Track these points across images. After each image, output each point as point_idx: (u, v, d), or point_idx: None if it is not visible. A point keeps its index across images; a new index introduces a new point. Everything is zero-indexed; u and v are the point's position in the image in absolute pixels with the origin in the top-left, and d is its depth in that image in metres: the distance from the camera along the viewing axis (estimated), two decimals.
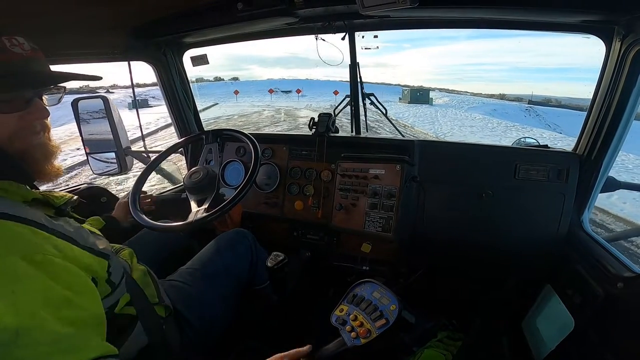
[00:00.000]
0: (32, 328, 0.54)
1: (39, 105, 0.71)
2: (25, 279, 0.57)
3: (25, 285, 0.56)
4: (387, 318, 1.12)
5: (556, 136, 16.60)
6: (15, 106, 0.67)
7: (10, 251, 0.57)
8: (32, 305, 0.55)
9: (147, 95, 31.45)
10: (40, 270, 0.59)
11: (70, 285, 0.62)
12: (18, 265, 0.57)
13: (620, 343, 0.94)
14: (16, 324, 0.52)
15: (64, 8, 1.08)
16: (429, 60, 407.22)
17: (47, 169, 0.75)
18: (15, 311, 0.53)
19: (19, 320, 0.53)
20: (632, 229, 1.81)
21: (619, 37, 1.08)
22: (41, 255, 0.60)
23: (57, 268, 0.62)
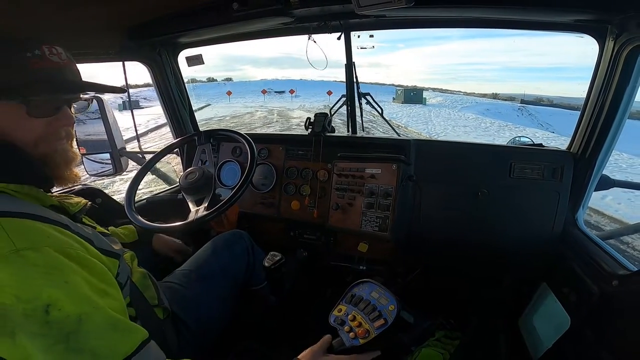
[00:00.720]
0: (91, 313, 0.58)
1: (67, 112, 0.74)
2: (68, 269, 0.59)
3: (71, 275, 0.59)
4: (385, 318, 1.13)
5: (549, 135, 16.77)
6: (45, 112, 0.69)
7: (44, 244, 0.59)
8: (85, 293, 0.59)
9: (138, 97, 31.19)
10: (76, 263, 0.61)
11: (103, 278, 0.66)
12: (56, 257, 0.59)
13: (616, 341, 0.95)
14: (78, 311, 0.56)
15: (58, 8, 1.06)
16: (423, 60, 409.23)
17: (66, 175, 0.77)
18: (72, 299, 0.56)
19: (79, 308, 0.56)
20: (626, 227, 1.83)
21: (612, 36, 1.09)
22: (73, 251, 0.63)
23: (89, 262, 0.65)
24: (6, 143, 0.66)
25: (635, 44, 1.03)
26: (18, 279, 0.54)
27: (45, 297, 0.54)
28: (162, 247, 1.38)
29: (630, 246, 4.56)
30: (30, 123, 0.68)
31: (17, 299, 0.52)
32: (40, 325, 0.53)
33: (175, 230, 1.31)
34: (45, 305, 0.54)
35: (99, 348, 0.57)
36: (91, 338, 0.57)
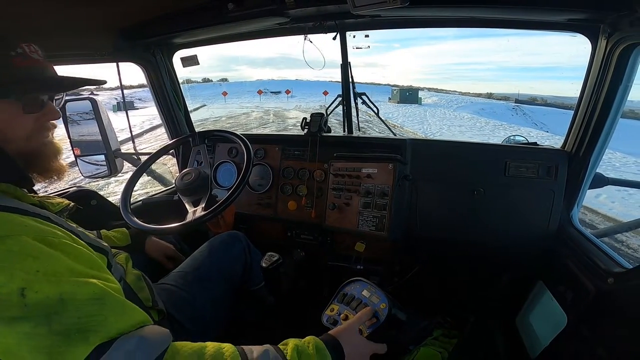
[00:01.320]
0: (74, 291, 0.56)
1: (52, 107, 0.76)
2: (47, 256, 0.58)
3: (50, 261, 0.58)
4: (377, 317, 1.13)
5: (543, 135, 16.90)
6: (33, 108, 0.71)
7: (22, 232, 0.58)
8: (65, 275, 0.58)
9: (133, 97, 30.98)
10: (59, 251, 0.60)
11: (92, 265, 0.65)
12: (34, 244, 0.58)
13: (613, 339, 0.95)
14: (58, 290, 0.55)
15: (51, 9, 1.06)
16: (418, 59, 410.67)
17: (56, 166, 0.79)
18: (50, 281, 0.55)
19: (59, 288, 0.55)
20: (621, 225, 1.84)
21: (605, 36, 1.10)
22: (56, 239, 0.62)
23: (74, 250, 0.64)
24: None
25: (627, 43, 1.04)
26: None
27: (19, 280, 0.53)
28: (155, 251, 1.37)
29: (624, 244, 4.60)
30: (24, 120, 0.71)
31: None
32: (19, 309, 0.52)
33: (173, 232, 1.30)
34: (20, 288, 0.53)
35: (86, 324, 0.55)
36: (75, 316, 0.55)
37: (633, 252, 4.44)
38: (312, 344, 0.74)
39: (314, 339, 0.76)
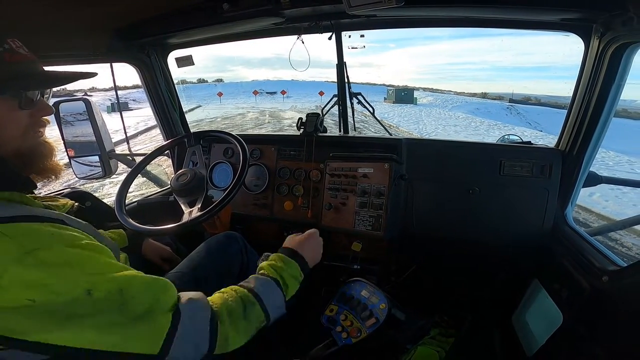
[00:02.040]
0: (128, 282, 0.64)
1: (44, 102, 0.75)
2: (87, 258, 0.62)
3: (92, 262, 0.63)
4: (377, 317, 1.13)
5: (537, 134, 17.00)
6: (28, 104, 0.70)
7: (53, 242, 0.60)
8: (112, 271, 0.64)
9: (128, 98, 30.79)
10: (89, 251, 0.64)
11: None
12: (69, 251, 0.61)
13: (608, 336, 0.96)
14: (116, 286, 0.61)
15: (44, 9, 1.05)
16: (414, 59, 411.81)
17: (52, 165, 0.78)
18: (106, 278, 0.62)
19: (115, 283, 0.62)
20: (614, 223, 1.87)
21: (597, 35, 1.11)
22: (81, 241, 0.64)
23: (97, 247, 0.67)
24: None
25: (620, 42, 1.05)
26: (46, 277, 0.56)
27: (83, 283, 0.58)
28: (152, 253, 1.36)
29: (618, 243, 4.65)
30: (19, 116, 0.70)
31: (56, 294, 0.56)
32: (91, 307, 0.58)
33: (168, 233, 1.29)
34: (86, 290, 0.58)
35: (149, 307, 0.64)
36: (139, 303, 0.63)
37: (627, 251, 4.48)
38: (278, 258, 0.96)
39: (277, 255, 0.97)
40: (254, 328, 0.80)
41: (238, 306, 0.78)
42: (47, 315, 0.55)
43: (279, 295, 0.87)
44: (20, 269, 0.55)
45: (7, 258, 0.55)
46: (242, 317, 0.77)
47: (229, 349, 0.75)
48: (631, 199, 6.39)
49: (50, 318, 0.56)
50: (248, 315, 0.79)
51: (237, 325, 0.76)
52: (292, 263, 0.95)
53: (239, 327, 0.76)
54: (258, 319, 0.81)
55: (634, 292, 0.90)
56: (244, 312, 0.78)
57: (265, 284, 0.86)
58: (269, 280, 0.88)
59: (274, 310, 0.84)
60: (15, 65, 0.68)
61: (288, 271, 0.92)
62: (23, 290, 0.54)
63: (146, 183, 5.51)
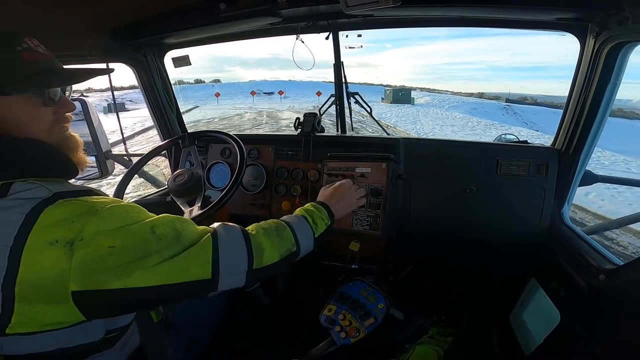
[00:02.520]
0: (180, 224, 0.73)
1: (66, 99, 0.77)
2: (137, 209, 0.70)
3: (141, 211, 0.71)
4: (375, 316, 1.13)
5: (533, 134, 17.08)
6: (49, 101, 0.72)
7: (117, 201, 0.68)
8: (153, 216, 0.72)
9: (124, 99, 30.70)
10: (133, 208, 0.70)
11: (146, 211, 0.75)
12: (132, 205, 0.70)
13: (606, 335, 0.96)
14: (168, 221, 0.71)
15: (39, 9, 1.04)
16: (411, 59, 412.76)
17: (78, 158, 0.80)
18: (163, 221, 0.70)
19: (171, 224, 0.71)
20: (610, 222, 1.88)
21: (593, 35, 1.12)
22: (124, 202, 0.71)
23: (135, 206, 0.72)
24: (30, 139, 0.68)
25: (615, 42, 1.06)
26: (120, 221, 0.64)
27: (147, 222, 0.67)
28: None
29: (614, 242, 4.67)
30: (44, 112, 0.72)
31: (132, 234, 0.64)
32: (158, 243, 0.66)
33: None
34: (151, 227, 0.67)
35: (193, 234, 0.73)
36: (186, 232, 0.71)
37: (623, 250, 4.50)
38: (310, 205, 1.06)
39: (310, 203, 1.07)
40: (285, 248, 0.87)
41: (271, 227, 0.87)
42: (127, 257, 0.62)
43: (308, 229, 0.96)
44: (98, 219, 0.61)
45: (85, 215, 0.61)
46: (274, 234, 0.86)
47: (264, 261, 0.81)
48: (627, 198, 6.43)
49: (131, 260, 0.62)
50: (280, 233, 0.87)
51: (269, 237, 0.84)
52: (322, 209, 1.04)
53: (271, 239, 0.84)
54: (290, 241, 0.89)
55: (630, 290, 0.91)
56: (277, 231, 0.87)
57: (296, 219, 0.96)
58: (300, 217, 0.98)
59: (304, 241, 0.92)
60: (35, 64, 0.70)
61: (317, 214, 1.02)
62: (103, 237, 0.61)
63: (144, 184, 5.49)
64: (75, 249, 0.58)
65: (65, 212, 0.61)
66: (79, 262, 0.58)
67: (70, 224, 0.60)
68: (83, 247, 0.59)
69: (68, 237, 0.59)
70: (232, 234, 0.79)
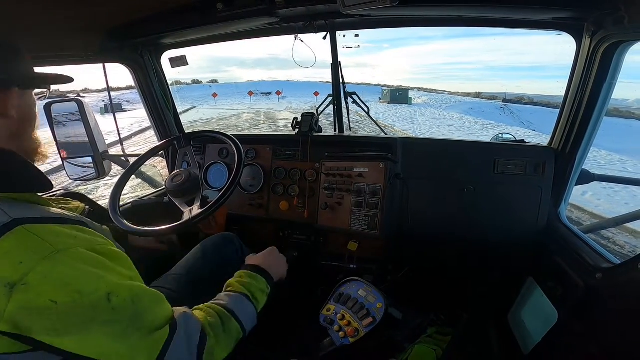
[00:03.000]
0: (139, 294, 0.65)
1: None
2: (103, 264, 0.63)
3: (108, 268, 0.63)
4: (374, 316, 1.14)
5: (530, 133, 17.15)
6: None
7: (75, 245, 0.61)
8: (125, 279, 0.65)
9: (121, 99, 30.63)
10: (106, 257, 0.64)
11: (128, 266, 0.70)
12: (90, 255, 0.62)
13: (604, 334, 0.96)
14: (130, 294, 0.63)
15: (35, 9, 1.03)
16: (408, 59, 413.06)
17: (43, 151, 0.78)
18: (123, 286, 0.63)
19: (130, 292, 0.63)
20: (607, 221, 1.89)
21: (589, 34, 1.12)
22: (100, 246, 0.65)
23: (114, 254, 0.68)
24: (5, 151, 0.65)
25: (611, 41, 1.06)
26: (73, 276, 0.57)
27: (104, 287, 0.59)
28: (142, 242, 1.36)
29: (611, 241, 4.70)
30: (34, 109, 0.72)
31: (79, 294, 0.57)
32: (110, 313, 0.59)
33: (171, 232, 1.27)
34: (107, 294, 0.59)
35: (154, 320, 0.66)
36: (147, 314, 0.65)
37: (620, 249, 4.53)
38: (244, 274, 0.99)
39: (242, 272, 1.00)
40: (233, 341, 0.83)
41: (217, 321, 0.81)
42: (66, 318, 0.56)
43: (251, 309, 0.91)
44: (49, 267, 0.56)
45: (35, 257, 0.55)
46: (222, 331, 0.80)
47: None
48: (623, 197, 6.47)
49: (70, 321, 0.56)
50: (227, 329, 0.82)
51: (219, 339, 0.78)
52: (258, 277, 0.98)
53: (220, 340, 0.79)
54: (236, 332, 0.84)
55: (627, 289, 0.91)
56: (223, 327, 0.81)
57: (237, 299, 0.90)
58: (239, 296, 0.91)
59: (249, 323, 0.88)
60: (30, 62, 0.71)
61: (255, 285, 0.96)
62: (48, 289, 0.55)
63: (141, 184, 5.47)
64: (14, 292, 0.53)
65: (16, 246, 0.56)
66: (15, 307, 0.53)
67: (18, 264, 0.54)
68: (23, 292, 0.54)
69: (11, 278, 0.54)
70: (190, 336, 0.72)
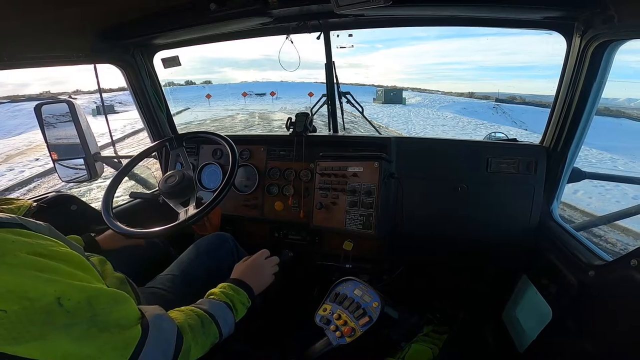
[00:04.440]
0: (96, 295, 0.62)
1: None
2: (49, 267, 0.59)
3: (57, 271, 0.60)
4: (370, 315, 1.13)
5: (522, 133, 17.27)
6: None
7: (15, 249, 0.57)
8: (78, 280, 0.62)
9: (113, 101, 30.33)
10: (52, 260, 0.61)
11: (81, 266, 0.66)
12: (32, 259, 0.58)
13: (597, 331, 0.97)
14: (84, 296, 0.60)
15: (25, 9, 1.02)
16: (401, 60, 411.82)
17: None
18: (74, 288, 0.60)
19: (84, 293, 0.60)
20: (599, 218, 1.92)
21: (579, 33, 1.14)
22: (43, 249, 0.61)
23: (62, 255, 0.64)
24: None
25: (600, 40, 1.08)
26: (16, 283, 0.54)
27: (52, 291, 0.56)
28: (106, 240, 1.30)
29: (603, 239, 4.75)
30: None
31: (29, 300, 0.54)
32: (65, 316, 0.57)
33: (166, 233, 1.26)
34: (57, 298, 0.56)
35: (119, 320, 0.65)
36: (109, 314, 0.63)
37: (612, 247, 4.58)
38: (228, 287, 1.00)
39: (227, 284, 1.02)
40: (209, 343, 0.85)
41: (197, 323, 0.83)
42: (20, 325, 0.53)
43: (230, 316, 0.94)
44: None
45: None
46: (201, 333, 0.82)
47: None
48: (614, 195, 6.54)
49: (25, 328, 0.54)
50: (206, 330, 0.84)
51: (197, 339, 0.80)
52: (241, 291, 1.01)
53: (198, 340, 0.81)
54: (214, 334, 0.86)
55: (620, 286, 0.92)
56: (203, 328, 0.83)
57: (218, 306, 0.93)
58: (221, 303, 0.94)
59: (227, 329, 0.91)
60: None
61: (237, 298, 0.99)
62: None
63: (135, 186, 5.43)
64: None
65: None
66: None
67: None
68: None
69: None
70: (165, 334, 0.73)
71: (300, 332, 1.34)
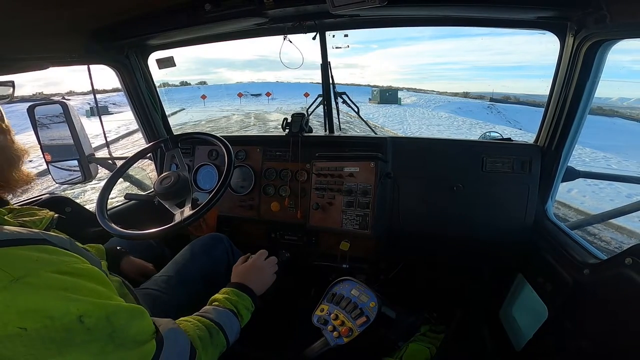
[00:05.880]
0: (115, 311, 0.62)
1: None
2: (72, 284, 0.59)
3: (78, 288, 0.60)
4: (367, 315, 1.13)
5: (516, 132, 17.36)
6: None
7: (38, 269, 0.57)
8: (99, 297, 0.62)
9: (108, 102, 30.10)
10: (75, 277, 0.61)
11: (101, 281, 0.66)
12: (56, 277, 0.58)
13: (593, 329, 0.97)
14: (104, 313, 0.60)
15: (18, 10, 1.01)
16: (396, 60, 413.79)
17: (13, 177, 0.72)
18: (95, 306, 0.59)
19: (104, 310, 0.60)
20: (593, 216, 1.94)
21: (572, 33, 1.15)
22: (66, 266, 0.61)
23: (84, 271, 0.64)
24: None
25: (593, 40, 1.09)
26: (39, 303, 0.54)
27: (74, 310, 0.56)
28: (132, 271, 1.30)
29: (597, 237, 4.79)
30: None
31: (51, 319, 0.54)
32: (85, 333, 0.57)
33: (159, 236, 1.25)
34: (78, 316, 0.56)
35: (137, 335, 0.65)
36: (127, 330, 0.63)
37: (606, 245, 4.62)
38: (231, 292, 1.00)
39: (230, 289, 1.01)
40: (218, 353, 0.86)
41: (205, 334, 0.83)
42: (40, 343, 0.53)
43: (236, 324, 0.94)
44: (9, 297, 0.52)
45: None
46: (210, 343, 0.82)
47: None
48: (608, 193, 6.60)
49: (44, 346, 0.53)
50: (214, 341, 0.84)
51: (207, 350, 0.81)
52: (245, 297, 1.01)
53: (208, 351, 0.81)
54: (222, 344, 0.87)
55: (614, 284, 0.92)
56: (211, 339, 0.83)
57: (225, 315, 0.93)
58: (227, 311, 0.94)
59: (232, 337, 0.91)
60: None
61: (242, 303, 0.99)
62: (13, 318, 0.51)
63: (130, 188, 5.39)
64: None
65: None
66: None
67: None
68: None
69: None
70: (179, 348, 0.74)
71: (297, 332, 1.34)
